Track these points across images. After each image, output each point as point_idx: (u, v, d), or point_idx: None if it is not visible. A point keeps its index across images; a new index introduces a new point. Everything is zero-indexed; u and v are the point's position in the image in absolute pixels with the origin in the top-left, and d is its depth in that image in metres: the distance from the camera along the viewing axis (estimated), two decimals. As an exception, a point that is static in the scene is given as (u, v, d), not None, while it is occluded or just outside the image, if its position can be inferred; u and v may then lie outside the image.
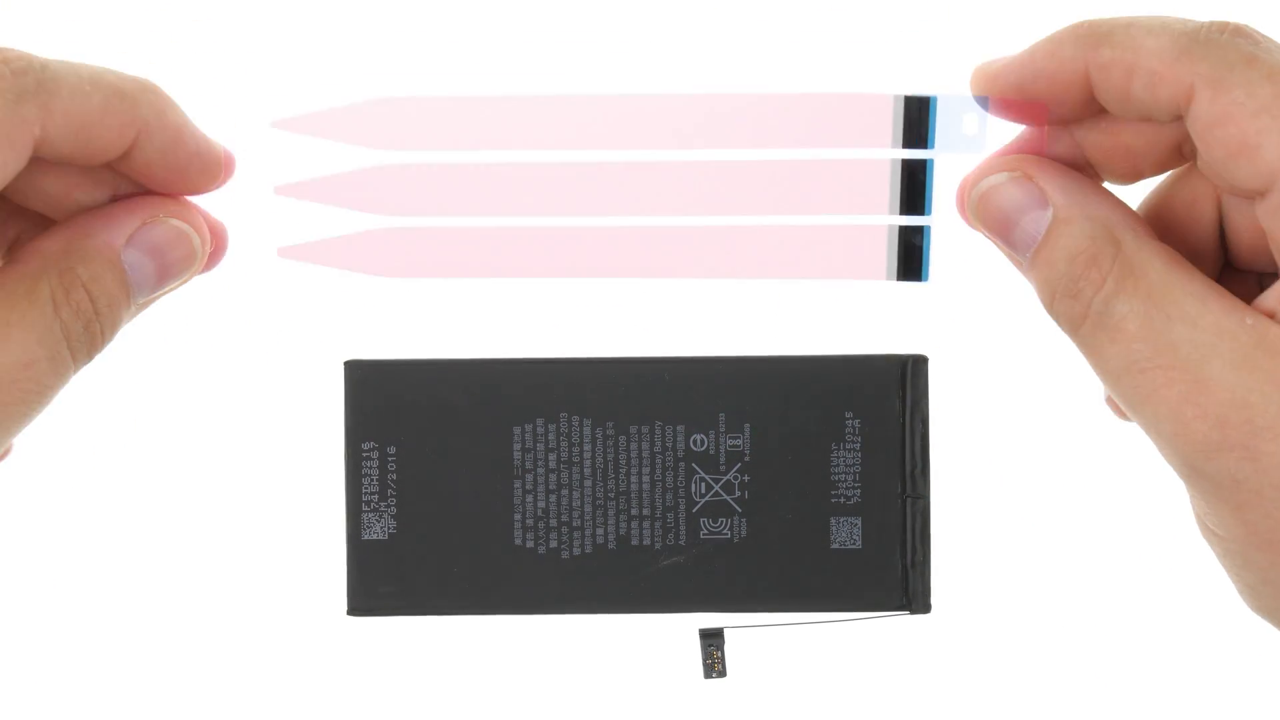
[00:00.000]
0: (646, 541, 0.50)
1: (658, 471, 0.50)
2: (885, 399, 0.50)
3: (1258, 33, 0.40)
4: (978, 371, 0.56)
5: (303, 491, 0.47)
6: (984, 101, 0.44)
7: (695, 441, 0.50)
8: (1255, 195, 0.41)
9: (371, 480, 0.49)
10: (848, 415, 0.50)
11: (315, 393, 0.48)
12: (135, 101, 0.42)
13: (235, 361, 0.47)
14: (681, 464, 0.50)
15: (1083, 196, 0.43)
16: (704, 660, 0.50)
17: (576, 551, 0.50)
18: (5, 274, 0.42)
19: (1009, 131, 0.45)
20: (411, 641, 0.67)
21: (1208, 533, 0.42)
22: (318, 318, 0.47)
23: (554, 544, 0.50)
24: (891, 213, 0.46)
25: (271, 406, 0.52)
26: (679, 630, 0.50)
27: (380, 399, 0.49)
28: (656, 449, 0.50)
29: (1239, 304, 0.40)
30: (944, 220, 0.46)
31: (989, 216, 0.44)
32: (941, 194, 0.46)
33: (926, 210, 0.46)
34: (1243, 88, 0.39)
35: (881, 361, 0.50)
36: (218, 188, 0.46)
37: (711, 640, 0.50)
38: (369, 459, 0.49)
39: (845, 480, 0.50)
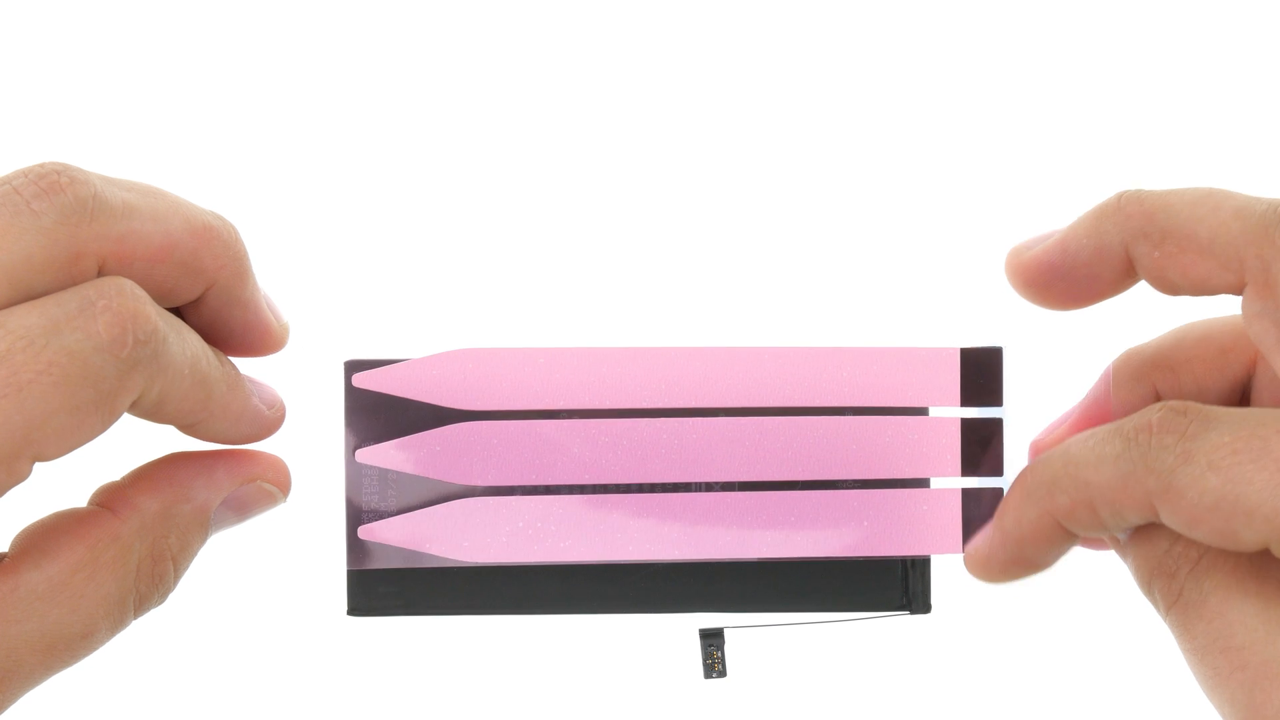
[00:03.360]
0: (646, 541, 0.50)
1: (658, 471, 0.50)
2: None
3: None
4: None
5: (303, 491, 0.47)
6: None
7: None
8: None
9: (371, 480, 0.49)
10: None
11: (315, 393, 0.48)
12: (210, 252, 0.42)
13: (234, 362, 0.48)
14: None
15: None
16: (704, 660, 0.50)
17: (576, 551, 0.50)
18: (98, 529, 0.41)
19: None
20: (411, 641, 0.67)
21: None
22: (318, 318, 0.47)
23: (554, 544, 0.50)
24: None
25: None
26: (679, 630, 0.50)
27: (380, 398, 0.49)
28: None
29: None
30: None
31: None
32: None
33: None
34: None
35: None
36: (265, 355, 0.46)
37: (711, 640, 0.50)
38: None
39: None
